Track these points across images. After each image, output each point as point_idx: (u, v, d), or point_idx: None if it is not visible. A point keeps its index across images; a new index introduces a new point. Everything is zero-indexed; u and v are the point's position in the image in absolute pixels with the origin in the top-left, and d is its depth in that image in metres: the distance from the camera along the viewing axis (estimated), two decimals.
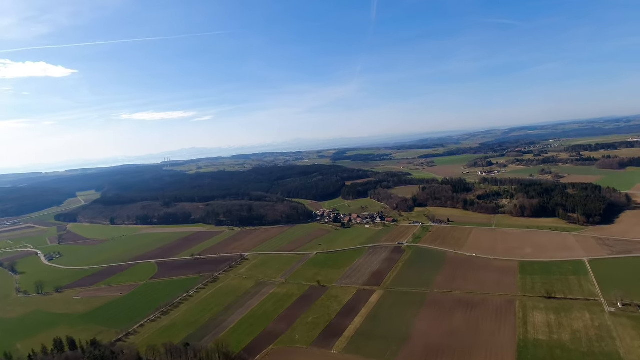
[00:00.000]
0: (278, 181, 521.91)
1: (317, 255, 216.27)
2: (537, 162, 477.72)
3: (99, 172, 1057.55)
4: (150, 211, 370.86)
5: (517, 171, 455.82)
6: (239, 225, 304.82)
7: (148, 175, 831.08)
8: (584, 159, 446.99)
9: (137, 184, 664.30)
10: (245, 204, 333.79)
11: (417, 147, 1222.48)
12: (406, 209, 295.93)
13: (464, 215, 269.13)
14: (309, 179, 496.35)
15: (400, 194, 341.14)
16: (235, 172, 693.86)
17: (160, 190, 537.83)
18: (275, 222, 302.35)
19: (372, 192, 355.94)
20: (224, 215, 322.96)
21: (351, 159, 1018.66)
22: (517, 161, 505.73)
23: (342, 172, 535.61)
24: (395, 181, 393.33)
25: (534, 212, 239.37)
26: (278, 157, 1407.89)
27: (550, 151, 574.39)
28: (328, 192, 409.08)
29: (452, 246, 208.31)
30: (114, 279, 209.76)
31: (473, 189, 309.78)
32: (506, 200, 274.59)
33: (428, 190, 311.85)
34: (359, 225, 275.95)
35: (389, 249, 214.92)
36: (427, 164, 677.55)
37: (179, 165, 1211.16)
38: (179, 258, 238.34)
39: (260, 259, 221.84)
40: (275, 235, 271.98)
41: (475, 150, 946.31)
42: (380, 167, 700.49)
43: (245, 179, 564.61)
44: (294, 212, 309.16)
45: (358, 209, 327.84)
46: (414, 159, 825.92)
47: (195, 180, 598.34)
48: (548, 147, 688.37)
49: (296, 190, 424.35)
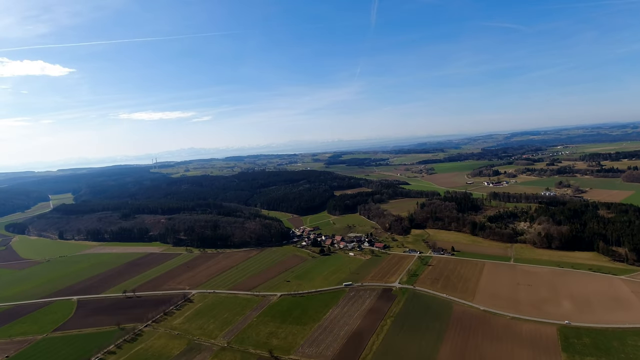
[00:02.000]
0: (261, 189, 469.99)
1: (281, 299, 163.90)
2: (552, 173, 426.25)
3: (87, 173, 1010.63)
4: (106, 224, 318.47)
5: (529, 182, 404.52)
6: (199, 246, 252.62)
7: (131, 178, 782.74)
8: (606, 170, 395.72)
9: (114, 188, 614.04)
10: (211, 220, 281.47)
11: (415, 152, 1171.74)
12: (401, 231, 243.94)
13: (472, 243, 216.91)
14: (295, 188, 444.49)
15: (395, 210, 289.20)
16: (219, 176, 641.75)
17: (132, 196, 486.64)
18: (243, 244, 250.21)
19: (362, 207, 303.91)
20: (185, 233, 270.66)
21: (346, 163, 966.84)
22: (528, 171, 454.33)
23: (333, 179, 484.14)
24: (389, 193, 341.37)
25: (564, 243, 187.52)
26: (272, 160, 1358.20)
27: (564, 159, 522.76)
28: (313, 204, 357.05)
29: (459, 291, 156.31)
30: (12, 327, 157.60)
31: (482, 208, 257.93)
32: (525, 224, 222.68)
33: (428, 207, 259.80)
34: (343, 251, 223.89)
35: (376, 292, 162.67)
36: (427, 170, 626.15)
37: (168, 167, 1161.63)
38: (108, 295, 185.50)
39: (208, 300, 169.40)
40: (238, 263, 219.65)
41: (478, 156, 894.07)
42: (376, 174, 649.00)
43: (226, 185, 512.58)
44: (266, 232, 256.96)
45: (344, 228, 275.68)
46: (412, 165, 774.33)
47: (173, 186, 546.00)
48: (558, 155, 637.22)
49: (277, 202, 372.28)
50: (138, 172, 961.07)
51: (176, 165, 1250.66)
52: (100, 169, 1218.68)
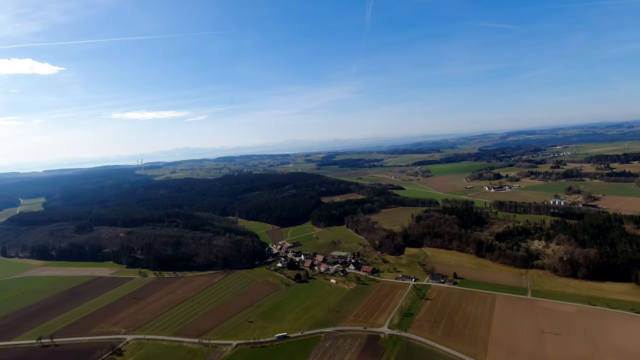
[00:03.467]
0: (243, 195, 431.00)
1: (236, 352, 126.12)
2: (557, 177, 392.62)
3: (70, 175, 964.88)
4: (56, 239, 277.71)
5: (534, 188, 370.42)
6: (157, 267, 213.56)
7: (112, 180, 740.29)
8: (617, 173, 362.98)
9: (88, 192, 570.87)
10: (174, 236, 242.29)
11: (411, 152, 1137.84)
12: (393, 250, 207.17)
13: (478, 267, 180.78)
14: (279, 194, 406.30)
15: (387, 222, 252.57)
16: (202, 180, 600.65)
17: (102, 202, 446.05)
18: (208, 266, 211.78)
19: (350, 219, 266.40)
20: (142, 252, 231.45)
21: (339, 164, 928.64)
22: (532, 174, 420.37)
23: (321, 184, 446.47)
24: (381, 202, 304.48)
25: (592, 271, 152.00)
26: (264, 160, 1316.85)
27: (568, 161, 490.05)
28: (297, 213, 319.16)
29: (466, 342, 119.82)
30: None
31: (487, 222, 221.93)
32: (540, 243, 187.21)
33: (425, 221, 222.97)
34: (323, 276, 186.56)
35: (359, 342, 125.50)
36: (422, 173, 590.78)
37: (155, 169, 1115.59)
38: (18, 343, 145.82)
39: (142, 353, 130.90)
40: (196, 292, 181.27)
41: (475, 157, 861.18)
42: (369, 177, 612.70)
43: (207, 190, 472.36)
44: (236, 251, 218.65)
45: (328, 243, 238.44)
46: (408, 167, 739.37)
47: (150, 191, 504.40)
48: (560, 156, 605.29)
49: (257, 210, 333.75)
50: (122, 174, 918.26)
51: (164, 167, 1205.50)
52: (85, 170, 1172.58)
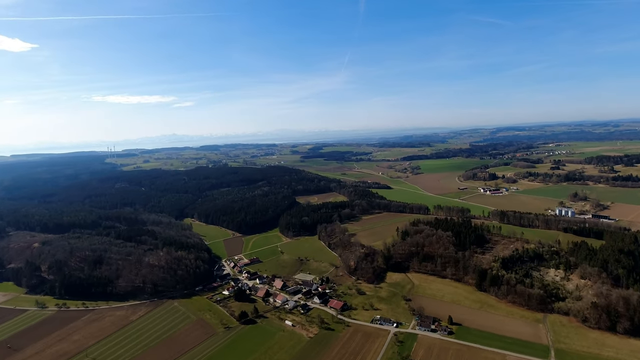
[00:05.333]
0: (209, 191, 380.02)
1: None
2: (558, 179, 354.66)
3: (38, 161, 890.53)
4: None
5: (534, 191, 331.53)
6: (66, 293, 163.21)
7: (71, 170, 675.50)
8: (624, 178, 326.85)
9: (42, 182, 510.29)
10: (97, 250, 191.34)
11: (400, 145, 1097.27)
12: (372, 276, 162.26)
13: (480, 307, 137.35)
14: (250, 191, 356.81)
15: (367, 235, 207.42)
16: (171, 172, 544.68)
17: (46, 197, 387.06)
18: (132, 293, 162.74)
19: (324, 229, 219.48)
20: (51, 271, 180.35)
21: (325, 156, 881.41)
22: (530, 175, 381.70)
23: (299, 181, 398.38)
24: (363, 206, 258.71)
25: (637, 324, 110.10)
26: (248, 150, 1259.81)
27: (567, 161, 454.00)
28: (264, 217, 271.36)
29: None
30: None
31: (489, 240, 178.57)
32: (557, 273, 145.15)
33: (413, 238, 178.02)
34: (278, 315, 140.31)
35: None
36: (412, 169, 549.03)
37: (129, 157, 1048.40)
38: None
39: None
40: (102, 338, 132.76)
41: (467, 153, 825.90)
42: (354, 172, 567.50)
43: (170, 185, 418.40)
44: (171, 273, 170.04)
45: (293, 261, 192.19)
46: (397, 161, 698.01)
47: (105, 183, 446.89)
48: (556, 155, 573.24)
49: (219, 213, 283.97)
50: (89, 162, 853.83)
51: (140, 155, 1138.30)
52: (55, 156, 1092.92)
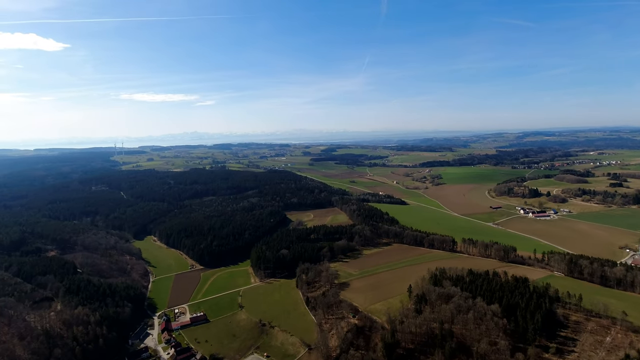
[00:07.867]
0: (189, 200, 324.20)
1: None
2: (624, 200, 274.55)
3: (55, 156, 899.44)
4: None
5: (594, 217, 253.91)
6: None
7: (69, 167, 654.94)
8: None
9: (28, 181, 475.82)
10: None
11: (420, 149, 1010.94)
12: None
13: None
14: (234, 203, 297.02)
15: (363, 289, 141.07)
16: (159, 174, 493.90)
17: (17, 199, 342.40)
18: None
19: (306, 271, 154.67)
20: None
21: (337, 159, 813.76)
22: (584, 193, 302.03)
23: (296, 190, 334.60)
24: (366, 236, 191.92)
25: None
26: (259, 150, 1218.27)
27: (628, 176, 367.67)
28: (237, 242, 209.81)
29: None
30: None
31: (566, 325, 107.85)
32: None
33: (434, 310, 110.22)
34: None
35: None
36: (432, 179, 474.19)
37: (138, 154, 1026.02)
38: None
39: None
40: None
41: (494, 160, 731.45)
42: (365, 180, 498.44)
43: (149, 190, 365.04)
44: (42, 355, 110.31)
45: (250, 328, 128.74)
46: (415, 168, 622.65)
47: (84, 185, 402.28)
48: (605, 166, 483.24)
49: (182, 234, 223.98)
50: (91, 159, 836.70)
51: (151, 152, 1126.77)
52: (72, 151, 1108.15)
